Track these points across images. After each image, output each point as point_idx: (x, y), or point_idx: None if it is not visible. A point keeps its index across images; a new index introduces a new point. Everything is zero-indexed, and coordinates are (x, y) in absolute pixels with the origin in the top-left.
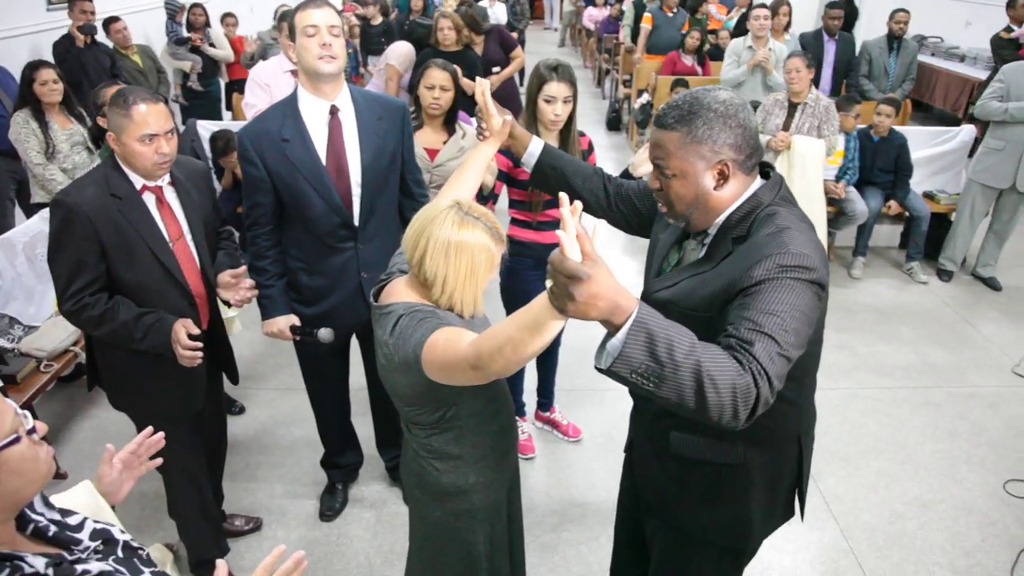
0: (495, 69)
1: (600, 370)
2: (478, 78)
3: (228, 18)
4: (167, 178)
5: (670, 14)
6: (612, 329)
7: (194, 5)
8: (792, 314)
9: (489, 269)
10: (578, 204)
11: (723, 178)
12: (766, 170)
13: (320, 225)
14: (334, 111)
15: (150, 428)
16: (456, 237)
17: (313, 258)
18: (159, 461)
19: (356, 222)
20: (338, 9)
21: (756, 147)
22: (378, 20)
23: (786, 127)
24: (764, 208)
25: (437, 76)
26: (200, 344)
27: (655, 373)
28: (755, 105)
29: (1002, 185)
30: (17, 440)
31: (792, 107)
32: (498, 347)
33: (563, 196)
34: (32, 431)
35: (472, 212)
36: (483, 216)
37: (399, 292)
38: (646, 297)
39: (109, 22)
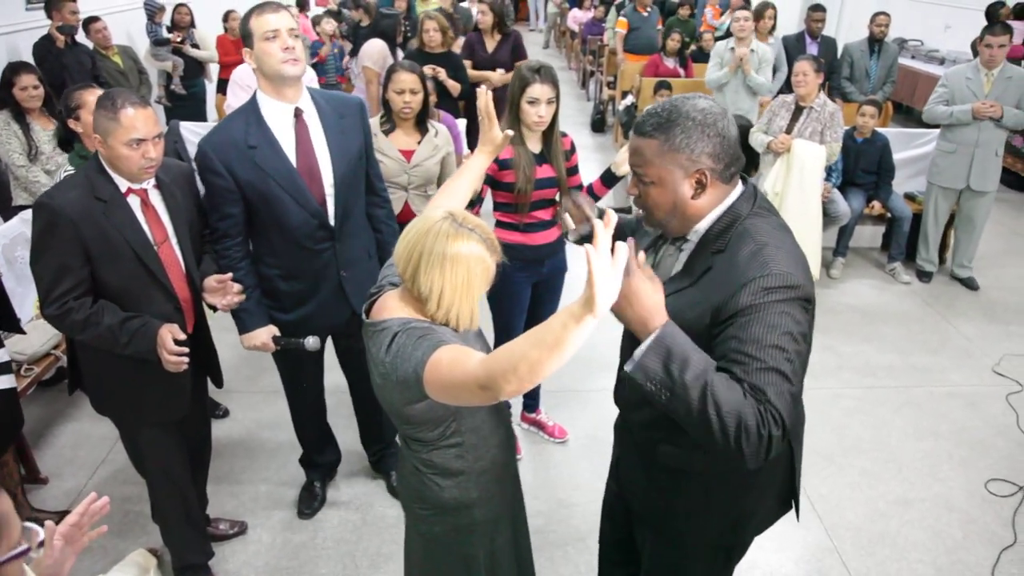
0: (499, 70)
1: (627, 375)
2: (481, 87)
3: (232, 14)
4: (152, 181)
5: (644, 13)
6: (642, 339)
7: (179, 5)
8: (792, 344)
9: (485, 281)
10: (612, 215)
11: (701, 187)
12: (743, 176)
13: (297, 229)
14: (298, 113)
15: (94, 494)
16: (451, 250)
17: (290, 263)
18: (103, 529)
19: (332, 222)
20: (326, 9)
21: (735, 157)
22: (367, 21)
23: (789, 130)
24: (742, 221)
25: (406, 80)
26: (186, 350)
27: (667, 386)
28: (740, 118)
29: (958, 186)
30: (26, 552)
31: (798, 110)
32: (512, 366)
33: (599, 221)
34: (41, 544)
35: (466, 223)
36: (477, 227)
37: (392, 307)
38: None
39: (89, 22)
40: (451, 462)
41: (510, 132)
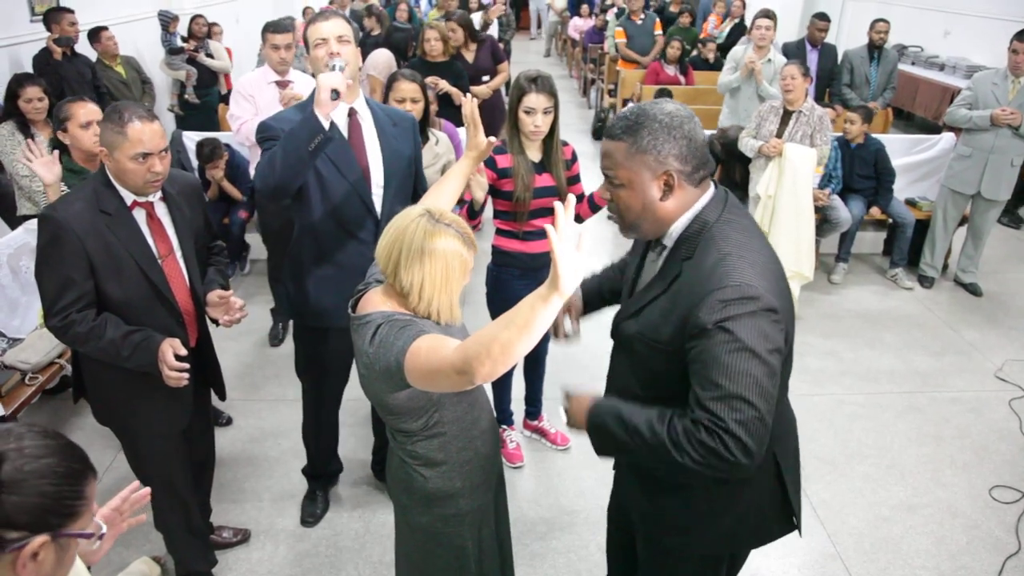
0: (484, 78)
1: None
2: (466, 95)
3: (213, 27)
4: (158, 193)
5: (638, 21)
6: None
7: (196, 16)
8: (758, 367)
9: (463, 274)
10: (571, 197)
11: (668, 189)
12: (715, 181)
13: (345, 210)
14: (352, 113)
15: (136, 483)
16: (429, 245)
17: (328, 245)
18: (143, 518)
19: (380, 219)
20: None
21: (704, 160)
22: (377, 31)
23: (779, 134)
24: (710, 228)
25: (406, 89)
26: (187, 365)
27: (627, 446)
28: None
29: (969, 191)
30: (89, 536)
31: (787, 115)
32: (486, 349)
33: (560, 204)
34: (101, 537)
35: (443, 219)
36: (454, 223)
37: (376, 302)
38: (617, 325)
39: (96, 31)
40: (434, 453)
41: (494, 139)
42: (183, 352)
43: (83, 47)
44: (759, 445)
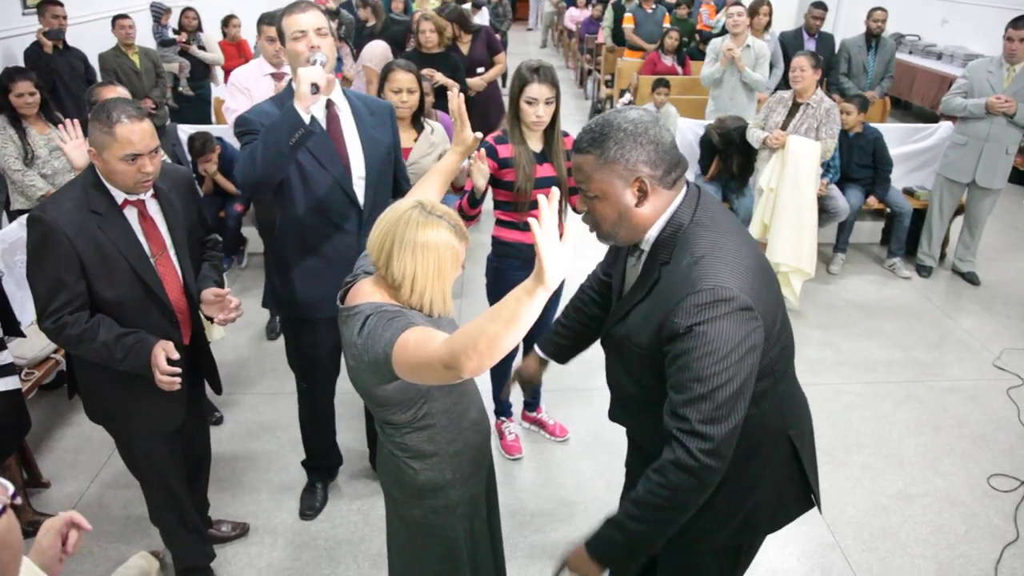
0: (479, 70)
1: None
2: (452, 90)
3: (233, 19)
4: (150, 191)
5: (649, 10)
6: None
7: (186, 9)
8: (730, 369)
9: (455, 266)
10: (555, 190)
11: (643, 194)
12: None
13: (328, 202)
14: (329, 105)
15: (73, 519)
16: (421, 237)
17: (312, 238)
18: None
19: (363, 209)
20: (323, 9)
21: (675, 161)
22: (372, 22)
23: (785, 126)
24: (683, 230)
25: (402, 79)
26: (179, 369)
27: (634, 548)
28: (738, 119)
29: (964, 180)
30: (2, 511)
31: (795, 106)
32: (472, 343)
33: (543, 197)
34: (14, 496)
35: (435, 211)
36: (446, 215)
37: (365, 293)
38: (607, 330)
39: (116, 19)
40: (423, 445)
41: (479, 134)
42: (175, 356)
43: (75, 40)
44: (727, 447)
